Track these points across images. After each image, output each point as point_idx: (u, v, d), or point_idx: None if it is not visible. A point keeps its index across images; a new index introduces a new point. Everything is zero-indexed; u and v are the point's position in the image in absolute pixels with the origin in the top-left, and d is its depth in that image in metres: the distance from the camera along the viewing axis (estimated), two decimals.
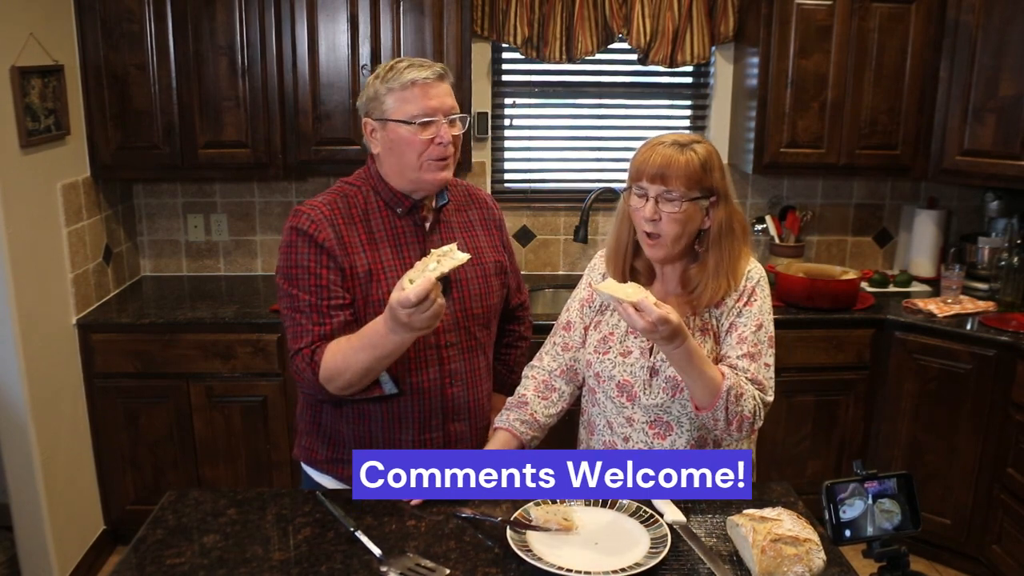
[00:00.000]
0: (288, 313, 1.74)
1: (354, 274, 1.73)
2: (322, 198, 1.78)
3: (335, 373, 1.67)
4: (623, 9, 3.37)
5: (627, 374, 1.74)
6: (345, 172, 3.47)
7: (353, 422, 1.83)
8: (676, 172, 1.62)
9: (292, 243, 1.72)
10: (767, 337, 1.73)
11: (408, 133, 1.70)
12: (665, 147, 1.65)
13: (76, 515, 3.03)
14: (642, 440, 1.75)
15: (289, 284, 1.72)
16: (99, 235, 3.24)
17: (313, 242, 1.71)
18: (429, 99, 1.69)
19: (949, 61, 3.20)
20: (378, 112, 1.73)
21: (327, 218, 1.73)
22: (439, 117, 1.71)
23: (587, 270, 1.89)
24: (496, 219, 1.97)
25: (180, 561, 1.49)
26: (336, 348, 1.68)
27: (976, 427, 3.00)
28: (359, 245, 1.74)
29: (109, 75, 3.07)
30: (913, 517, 1.29)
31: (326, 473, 1.90)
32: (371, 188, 1.80)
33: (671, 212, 1.64)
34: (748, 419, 1.65)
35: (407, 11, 3.09)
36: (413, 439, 1.82)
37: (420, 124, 1.69)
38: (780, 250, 3.56)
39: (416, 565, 1.45)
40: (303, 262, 1.71)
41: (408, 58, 1.75)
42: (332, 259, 1.71)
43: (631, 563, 1.44)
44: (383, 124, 1.73)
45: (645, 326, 1.49)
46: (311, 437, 1.90)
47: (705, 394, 1.60)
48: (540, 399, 1.82)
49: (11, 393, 2.69)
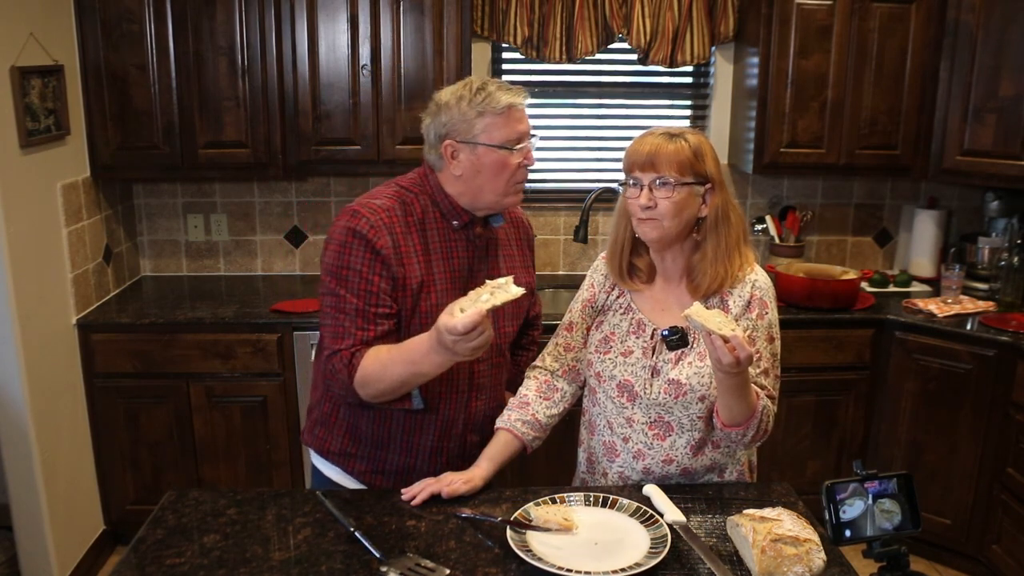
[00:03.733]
0: (331, 312, 1.72)
1: (406, 284, 1.72)
2: (381, 202, 1.74)
3: (370, 380, 1.67)
4: (623, 9, 3.37)
5: (628, 374, 1.74)
6: (345, 172, 3.52)
7: (373, 421, 1.83)
8: (667, 158, 1.63)
9: (347, 243, 1.70)
10: (777, 350, 1.74)
11: (502, 157, 1.70)
12: (655, 137, 1.66)
13: (76, 515, 3.02)
14: (641, 441, 1.75)
15: (337, 283, 1.71)
16: (99, 235, 3.24)
17: (370, 247, 1.69)
18: (520, 123, 1.71)
19: (949, 61, 3.20)
20: (465, 135, 1.70)
21: (386, 225, 1.71)
22: (527, 142, 1.73)
23: (590, 271, 1.89)
24: (529, 238, 2.00)
25: (180, 561, 1.49)
26: (375, 355, 1.67)
27: (976, 427, 3.00)
28: (413, 255, 1.73)
29: (109, 75, 3.07)
30: (913, 517, 1.29)
31: (336, 465, 1.90)
32: (429, 198, 1.78)
33: (666, 196, 1.63)
34: (767, 433, 1.68)
35: (407, 11, 3.09)
36: (431, 445, 1.84)
37: (517, 148, 1.70)
38: (780, 250, 3.56)
39: (416, 565, 1.45)
40: (356, 265, 1.69)
41: (492, 80, 1.73)
42: (386, 267, 1.70)
43: (631, 563, 1.44)
44: (472, 147, 1.70)
45: (732, 361, 1.46)
46: (325, 428, 1.89)
47: (742, 415, 1.61)
48: (542, 400, 1.82)
49: (11, 393, 2.69)
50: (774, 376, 1.72)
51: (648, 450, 1.75)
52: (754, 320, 1.70)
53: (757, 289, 1.72)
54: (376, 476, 1.87)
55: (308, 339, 3.05)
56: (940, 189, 3.66)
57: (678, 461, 1.75)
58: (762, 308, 1.71)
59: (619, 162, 1.77)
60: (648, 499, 1.65)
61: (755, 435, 1.65)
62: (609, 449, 1.80)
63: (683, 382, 1.69)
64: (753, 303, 1.71)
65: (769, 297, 1.73)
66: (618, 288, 1.81)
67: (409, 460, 1.84)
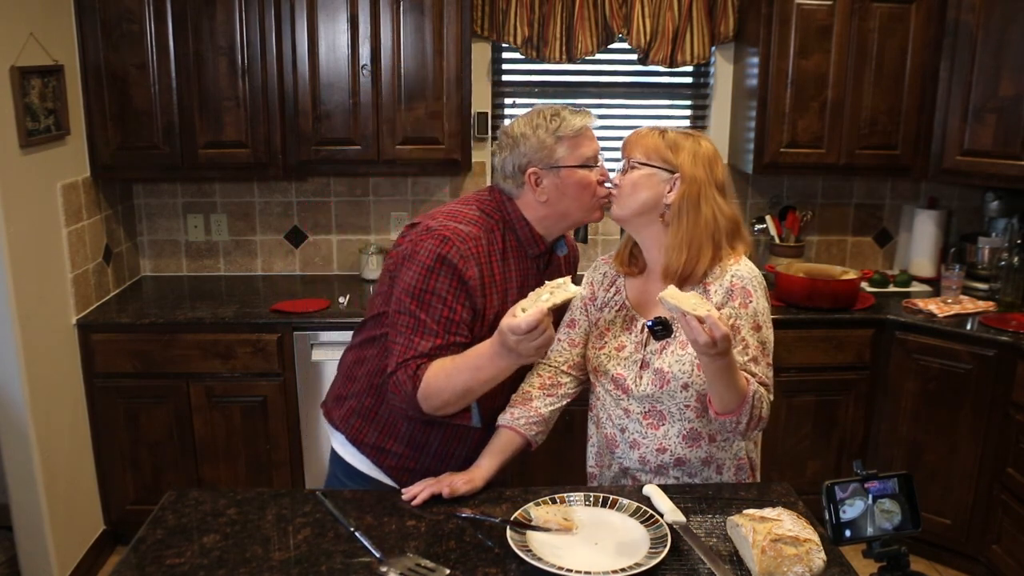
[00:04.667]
0: (405, 331, 1.72)
1: (484, 315, 1.76)
2: (468, 229, 1.75)
3: (435, 390, 1.68)
4: (623, 9, 3.37)
5: (620, 368, 1.77)
6: (345, 172, 3.52)
7: (414, 424, 1.84)
8: (637, 141, 1.76)
9: (434, 269, 1.71)
10: (767, 338, 1.73)
11: (585, 176, 1.78)
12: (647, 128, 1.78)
13: (76, 515, 3.02)
14: (637, 430, 1.77)
15: (417, 306, 1.71)
16: (99, 235, 3.24)
17: (458, 276, 1.71)
18: (594, 142, 1.82)
19: (949, 61, 3.20)
20: (547, 161, 1.77)
21: (474, 255, 1.73)
22: (600, 158, 1.84)
23: (589, 271, 1.92)
24: (576, 260, 2.06)
25: (180, 561, 1.49)
26: (439, 365, 1.69)
27: (976, 427, 3.00)
28: (493, 286, 1.77)
29: (109, 75, 3.07)
30: (913, 517, 1.29)
31: (367, 456, 1.90)
32: (508, 226, 1.82)
33: (628, 177, 1.75)
34: (763, 420, 1.68)
35: (407, 11, 3.09)
36: (466, 454, 1.85)
37: (595, 167, 1.80)
38: (780, 250, 3.56)
39: (416, 565, 1.45)
40: (441, 292, 1.71)
41: (560, 105, 1.82)
42: (470, 298, 1.73)
43: (631, 563, 1.44)
44: (556, 171, 1.78)
45: (708, 340, 1.47)
46: (363, 419, 1.89)
47: (733, 401, 1.61)
48: (545, 395, 1.83)
49: (11, 393, 2.69)
50: (765, 364, 1.72)
51: (643, 439, 1.77)
52: (737, 308, 1.71)
53: (738, 278, 1.73)
54: (404, 473, 1.87)
55: (308, 339, 3.06)
56: (940, 189, 3.66)
57: (671, 450, 1.76)
58: (745, 297, 1.72)
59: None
60: (648, 499, 1.66)
61: (750, 422, 1.65)
62: (610, 441, 1.82)
63: (666, 371, 1.71)
64: (735, 292, 1.72)
65: (753, 286, 1.73)
66: (614, 286, 1.85)
67: (442, 466, 1.85)
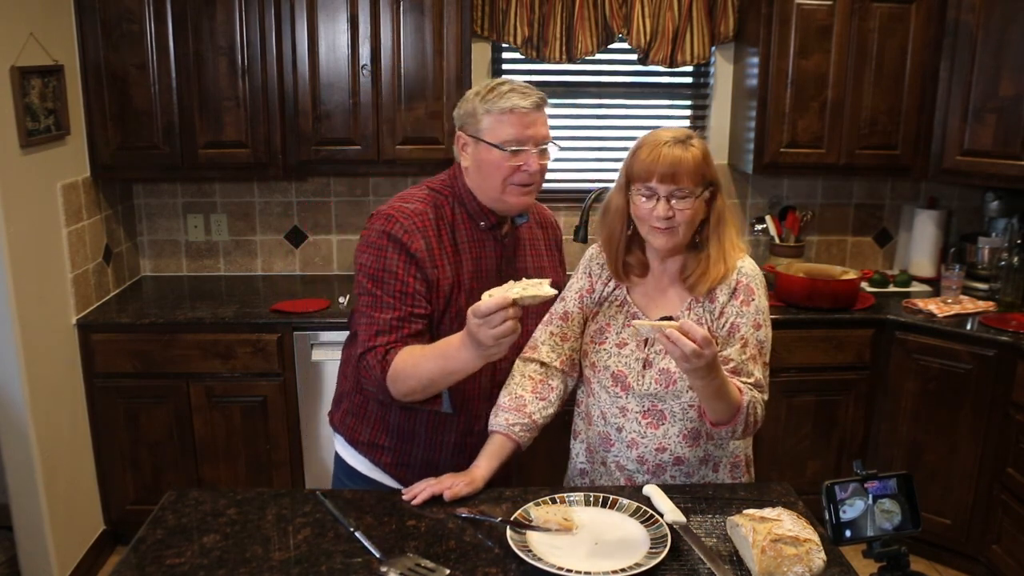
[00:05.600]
0: (367, 311, 1.77)
1: (439, 286, 1.77)
2: (414, 206, 1.79)
3: (402, 376, 1.71)
4: (623, 9, 3.37)
5: (622, 364, 1.76)
6: (345, 172, 3.52)
7: (399, 414, 1.88)
8: (686, 170, 1.64)
9: (383, 247, 1.76)
10: (765, 337, 1.74)
11: (498, 157, 1.74)
12: (670, 147, 1.66)
13: (76, 515, 3.02)
14: (635, 430, 1.76)
15: (374, 285, 1.76)
16: (99, 235, 3.24)
17: (405, 251, 1.74)
18: (525, 127, 1.73)
19: (949, 61, 3.20)
20: (473, 129, 1.77)
21: (419, 229, 1.76)
22: (529, 146, 1.74)
23: (586, 260, 1.89)
24: (558, 240, 2.04)
25: (180, 561, 1.49)
26: (409, 352, 1.72)
27: (976, 427, 3.00)
28: (445, 258, 1.78)
29: (109, 75, 3.07)
30: (913, 517, 1.29)
31: (364, 455, 1.93)
32: (457, 199, 1.83)
33: (683, 209, 1.66)
34: (757, 424, 1.69)
35: (407, 11, 3.09)
36: (455, 440, 1.89)
37: (511, 151, 1.73)
38: (780, 250, 3.56)
39: (416, 565, 1.45)
40: (392, 267, 1.75)
41: (511, 81, 1.78)
42: (421, 270, 1.75)
43: (631, 563, 1.44)
44: (476, 142, 1.77)
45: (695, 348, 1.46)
46: (356, 418, 1.94)
47: (726, 413, 1.62)
48: (538, 400, 1.81)
49: (11, 393, 2.69)
50: (762, 363, 1.72)
51: (641, 439, 1.76)
52: (739, 307, 1.72)
53: (743, 276, 1.74)
54: (401, 469, 1.91)
55: (308, 339, 3.06)
56: (940, 189, 3.66)
57: (671, 450, 1.76)
58: (748, 295, 1.72)
59: (619, 162, 1.78)
60: (648, 499, 1.65)
61: (744, 429, 1.66)
62: (604, 439, 1.82)
63: (672, 371, 1.71)
64: (739, 290, 1.73)
65: (756, 284, 1.74)
66: (614, 280, 1.84)
67: (433, 455, 1.90)
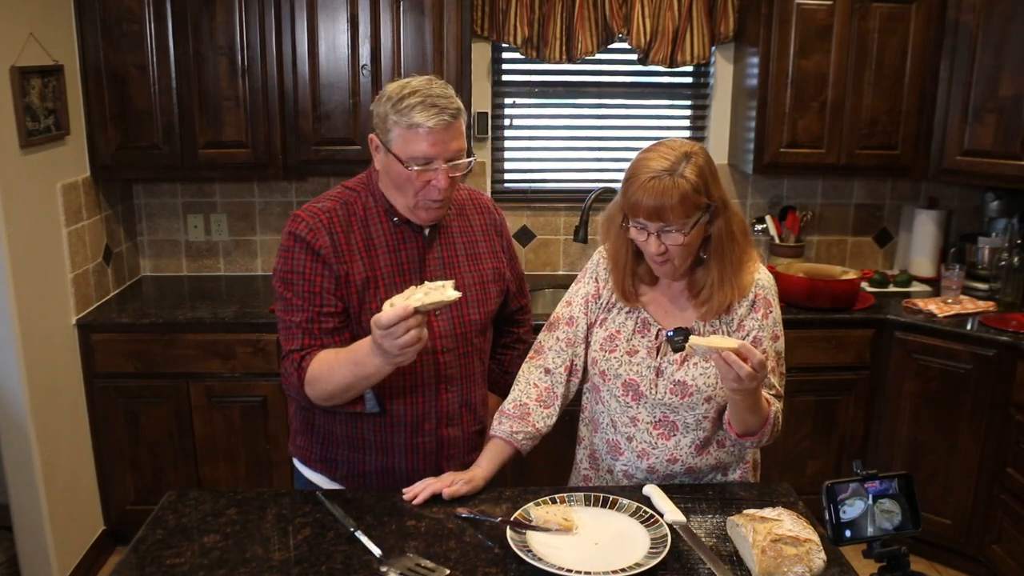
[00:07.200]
0: (282, 316, 1.76)
1: (350, 281, 1.72)
2: (322, 204, 1.77)
3: (319, 382, 1.68)
4: (623, 9, 3.37)
5: (633, 373, 1.74)
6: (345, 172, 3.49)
7: (345, 423, 1.82)
8: (671, 205, 1.56)
9: (289, 248, 1.74)
10: (782, 348, 1.75)
11: (406, 172, 1.66)
12: (658, 180, 1.56)
13: (76, 515, 3.02)
14: (646, 440, 1.75)
15: (284, 288, 1.74)
16: (99, 235, 3.24)
17: (309, 248, 1.71)
18: (431, 145, 1.63)
19: (949, 61, 3.20)
20: (383, 136, 1.69)
21: (324, 225, 1.72)
22: (438, 163, 1.65)
23: (592, 265, 1.86)
24: (497, 224, 1.94)
25: (180, 561, 1.49)
26: (323, 358, 1.68)
27: (976, 427, 3.00)
28: (356, 252, 1.74)
29: (109, 75, 3.07)
30: (913, 517, 1.29)
31: (320, 472, 1.90)
32: (370, 194, 1.79)
33: (676, 242, 1.61)
34: (777, 432, 1.69)
35: (407, 11, 3.08)
36: (405, 442, 1.81)
37: (417, 169, 1.65)
38: (780, 250, 3.56)
39: (416, 565, 1.45)
40: (299, 268, 1.72)
41: (424, 90, 1.65)
42: (327, 267, 1.72)
43: (631, 563, 1.44)
44: (385, 151, 1.69)
45: (749, 372, 1.45)
46: (305, 436, 1.90)
47: (756, 425, 1.63)
48: (542, 408, 1.80)
49: (11, 393, 2.69)
50: (780, 374, 1.73)
51: (652, 449, 1.75)
52: (760, 320, 1.71)
53: (761, 288, 1.73)
54: (358, 479, 1.86)
55: None
56: (940, 189, 3.66)
57: (683, 460, 1.75)
58: (766, 307, 1.72)
59: (619, 162, 1.79)
60: (648, 499, 1.65)
61: (768, 439, 1.67)
62: (613, 447, 1.80)
63: (689, 383, 1.69)
64: (758, 303, 1.72)
65: (772, 295, 1.74)
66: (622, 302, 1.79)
67: (387, 460, 1.83)
